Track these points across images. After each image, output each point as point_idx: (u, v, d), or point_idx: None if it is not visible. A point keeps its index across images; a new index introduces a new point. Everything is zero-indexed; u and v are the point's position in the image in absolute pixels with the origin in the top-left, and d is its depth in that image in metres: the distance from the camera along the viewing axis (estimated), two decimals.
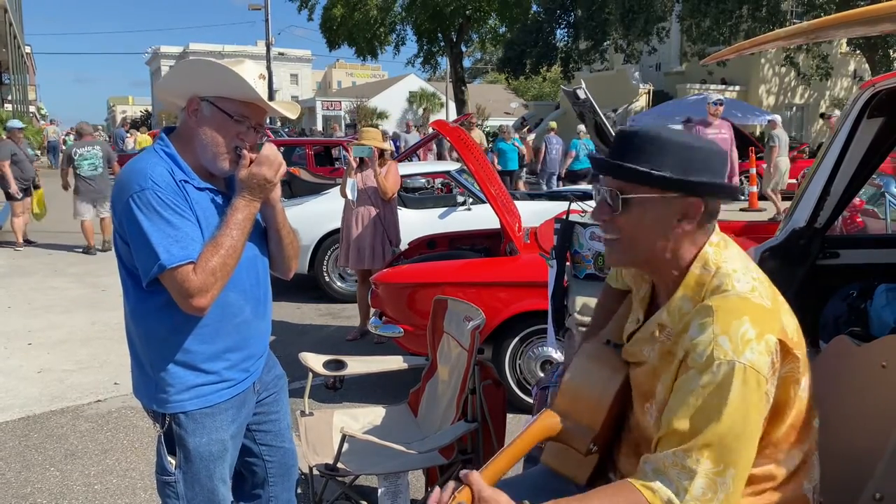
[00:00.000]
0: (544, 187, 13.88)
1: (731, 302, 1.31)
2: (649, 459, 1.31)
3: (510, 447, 1.45)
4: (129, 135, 25.13)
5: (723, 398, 1.24)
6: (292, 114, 2.05)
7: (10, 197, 9.65)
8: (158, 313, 1.81)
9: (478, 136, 13.64)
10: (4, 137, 10.48)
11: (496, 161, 13.43)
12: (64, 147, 14.02)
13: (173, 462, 1.88)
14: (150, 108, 68.42)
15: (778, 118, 12.96)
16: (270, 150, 1.85)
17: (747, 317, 1.28)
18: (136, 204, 1.72)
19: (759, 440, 1.32)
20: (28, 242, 10.01)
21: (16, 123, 10.56)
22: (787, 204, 3.07)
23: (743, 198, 13.69)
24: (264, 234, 2.01)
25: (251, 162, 1.83)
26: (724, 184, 1.36)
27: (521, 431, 1.49)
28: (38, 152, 11.49)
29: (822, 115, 18.78)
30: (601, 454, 1.54)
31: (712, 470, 1.24)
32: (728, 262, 1.38)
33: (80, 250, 9.41)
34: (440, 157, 14.93)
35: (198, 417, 1.86)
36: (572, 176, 13.70)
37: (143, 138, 22.88)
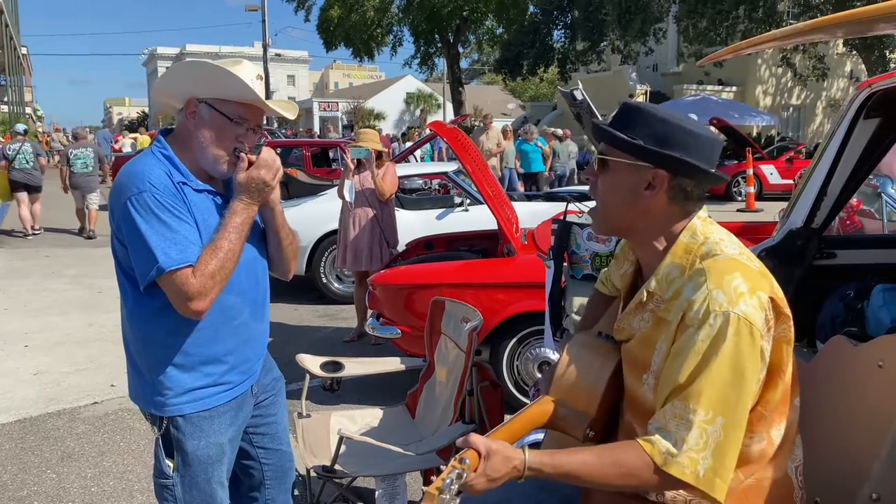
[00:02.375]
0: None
1: (721, 262, 1.36)
2: (653, 420, 1.34)
3: (508, 423, 1.47)
4: (115, 139, 24.98)
5: (716, 347, 1.28)
6: (290, 114, 2.04)
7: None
8: (156, 316, 1.80)
9: (495, 135, 12.88)
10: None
11: (518, 164, 12.89)
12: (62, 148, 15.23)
13: (171, 465, 1.87)
14: (146, 110, 68.32)
15: None
16: (269, 154, 1.85)
17: (738, 272, 1.33)
18: (133, 207, 1.71)
19: (756, 405, 1.35)
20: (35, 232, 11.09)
21: (19, 128, 12.40)
22: (785, 204, 3.07)
23: (740, 198, 13.73)
24: (263, 235, 2.01)
25: (249, 164, 1.82)
26: (692, 162, 1.38)
27: (517, 413, 1.50)
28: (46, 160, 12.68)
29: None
30: (598, 441, 1.54)
31: (704, 418, 1.27)
32: (714, 234, 1.43)
33: (76, 233, 11.13)
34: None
35: (196, 421, 1.85)
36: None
37: (144, 139, 22.85)
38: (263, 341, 2.05)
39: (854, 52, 21.24)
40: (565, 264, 3.18)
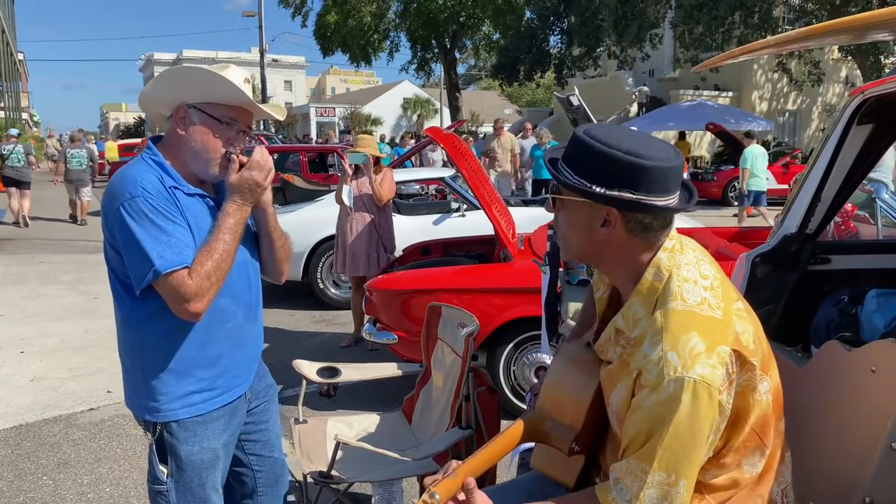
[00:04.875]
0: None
1: (678, 316, 1.33)
2: (614, 467, 1.36)
3: (485, 449, 1.46)
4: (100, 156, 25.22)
5: (671, 411, 1.27)
6: (280, 115, 2.05)
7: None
8: (150, 321, 1.80)
9: (509, 141, 12.32)
10: None
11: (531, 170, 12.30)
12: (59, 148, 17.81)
13: (165, 471, 1.87)
14: (143, 115, 68.27)
15: None
16: (260, 155, 1.86)
17: (695, 331, 1.31)
18: (126, 212, 1.71)
19: (721, 448, 1.36)
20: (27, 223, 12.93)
21: (13, 132, 14.64)
22: (778, 210, 3.08)
23: (736, 204, 13.73)
24: (255, 238, 2.01)
25: (241, 166, 1.83)
26: (639, 200, 1.33)
27: (494, 438, 1.50)
28: (35, 160, 14.97)
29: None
30: (585, 455, 1.55)
31: (665, 480, 1.28)
32: (681, 269, 1.38)
33: (65, 220, 13.72)
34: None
35: (189, 426, 1.85)
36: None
37: (110, 145, 23.26)
38: (257, 344, 2.06)
39: (849, 58, 21.31)
40: (561, 269, 3.19)
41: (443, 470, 1.39)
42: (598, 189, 1.34)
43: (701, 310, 1.34)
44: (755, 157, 11.72)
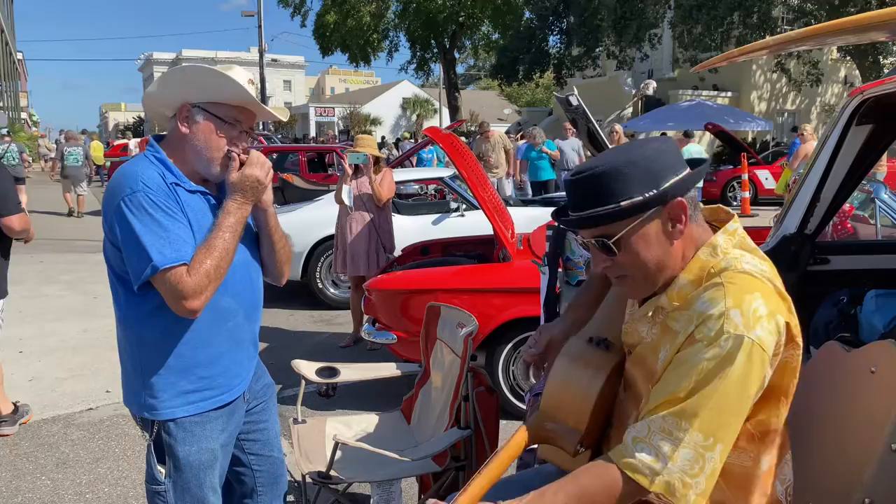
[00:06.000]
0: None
1: (742, 278, 1.30)
2: (632, 429, 1.30)
3: (486, 469, 1.42)
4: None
5: (723, 370, 1.23)
6: (283, 116, 2.07)
7: None
8: (149, 318, 1.80)
9: (499, 138, 11.96)
10: None
11: (524, 172, 11.99)
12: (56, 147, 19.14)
13: (163, 471, 1.87)
14: (142, 115, 68.23)
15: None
16: (257, 153, 1.87)
17: (759, 293, 1.28)
18: (127, 206, 1.72)
19: (746, 422, 1.31)
20: None
21: (3, 131, 15.79)
22: (779, 210, 3.08)
23: (735, 203, 13.75)
24: (256, 238, 2.02)
25: (241, 165, 1.84)
26: (690, 173, 1.36)
27: (497, 451, 1.47)
28: (30, 159, 15.81)
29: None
30: (592, 450, 1.54)
31: (702, 443, 1.23)
32: (736, 250, 1.38)
33: (65, 215, 14.28)
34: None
35: (187, 426, 1.85)
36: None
37: (96, 145, 23.27)
38: (256, 344, 2.06)
39: (848, 58, 21.33)
40: (560, 270, 3.19)
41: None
42: (653, 192, 1.32)
43: (763, 277, 1.32)
44: (691, 156, 11.66)
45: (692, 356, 1.27)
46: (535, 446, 1.75)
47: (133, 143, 25.33)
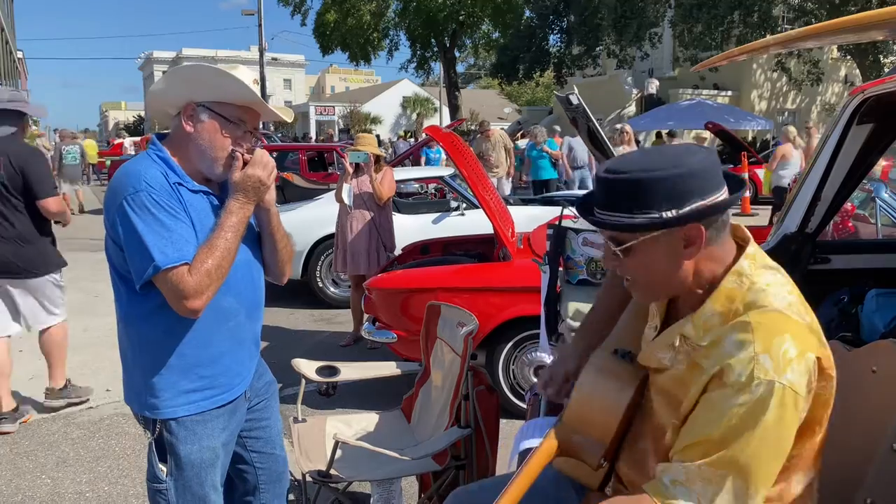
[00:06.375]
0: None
1: (770, 318, 1.28)
2: (668, 470, 1.28)
3: (518, 479, 1.41)
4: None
5: (759, 418, 1.21)
6: (288, 117, 2.06)
7: None
8: (151, 317, 1.80)
9: (499, 137, 11.81)
10: None
11: (526, 171, 11.78)
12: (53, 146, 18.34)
13: (164, 469, 1.87)
14: (142, 114, 68.23)
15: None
16: (261, 153, 1.87)
17: (789, 334, 1.25)
18: (129, 206, 1.72)
19: (789, 461, 1.30)
20: None
21: None
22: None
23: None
24: (258, 238, 2.01)
25: (244, 164, 1.84)
26: (714, 203, 1.31)
27: (526, 459, 1.45)
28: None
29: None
30: (610, 464, 1.53)
31: (742, 489, 1.22)
32: (762, 276, 1.35)
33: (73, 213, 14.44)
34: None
35: (189, 424, 1.85)
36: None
37: (89, 143, 23.25)
38: (257, 343, 2.06)
39: (848, 57, 21.33)
40: (561, 269, 3.19)
41: None
42: (673, 213, 1.29)
43: (790, 313, 1.30)
44: None
45: (723, 401, 1.25)
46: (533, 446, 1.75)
47: (129, 141, 25.44)
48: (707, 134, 18.26)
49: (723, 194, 1.33)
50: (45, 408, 4.38)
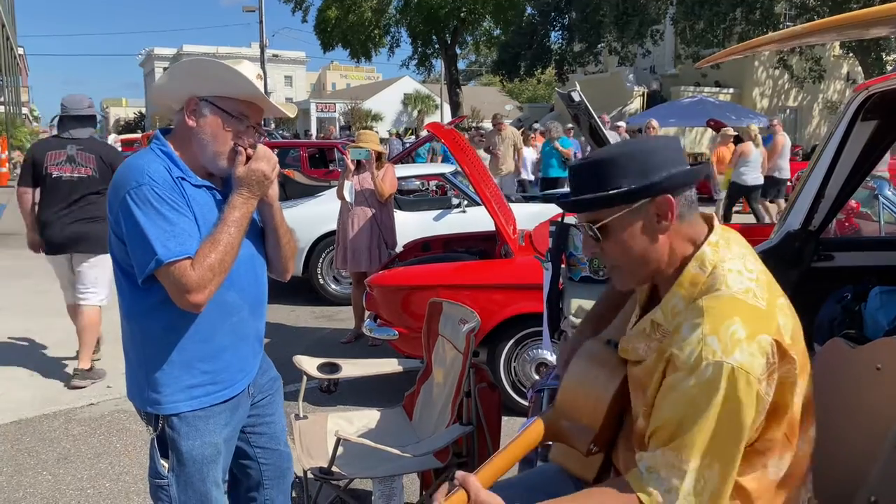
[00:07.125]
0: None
1: (722, 302, 1.31)
2: (643, 457, 1.32)
3: (504, 451, 1.45)
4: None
5: (709, 397, 1.24)
6: (291, 113, 2.06)
7: None
8: (154, 311, 1.80)
9: (511, 134, 11.58)
10: None
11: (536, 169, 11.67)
12: None
13: (166, 465, 1.87)
14: (143, 111, 68.22)
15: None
16: (263, 147, 1.87)
17: (738, 317, 1.28)
18: (132, 200, 1.71)
19: (755, 441, 1.32)
20: None
21: None
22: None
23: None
24: (261, 234, 2.01)
25: (248, 159, 1.83)
26: (682, 170, 1.37)
27: (514, 437, 1.48)
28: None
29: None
30: (604, 452, 1.54)
31: (698, 465, 1.25)
32: (726, 262, 1.37)
33: None
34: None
35: (191, 420, 1.85)
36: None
37: None
38: (260, 339, 2.05)
39: (851, 55, 21.30)
40: (563, 266, 3.18)
41: (451, 482, 1.36)
42: (642, 183, 1.35)
43: (745, 297, 1.32)
44: None
45: (677, 384, 1.29)
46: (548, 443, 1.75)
47: (111, 138, 25.69)
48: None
49: (686, 167, 1.40)
50: (46, 404, 4.38)
